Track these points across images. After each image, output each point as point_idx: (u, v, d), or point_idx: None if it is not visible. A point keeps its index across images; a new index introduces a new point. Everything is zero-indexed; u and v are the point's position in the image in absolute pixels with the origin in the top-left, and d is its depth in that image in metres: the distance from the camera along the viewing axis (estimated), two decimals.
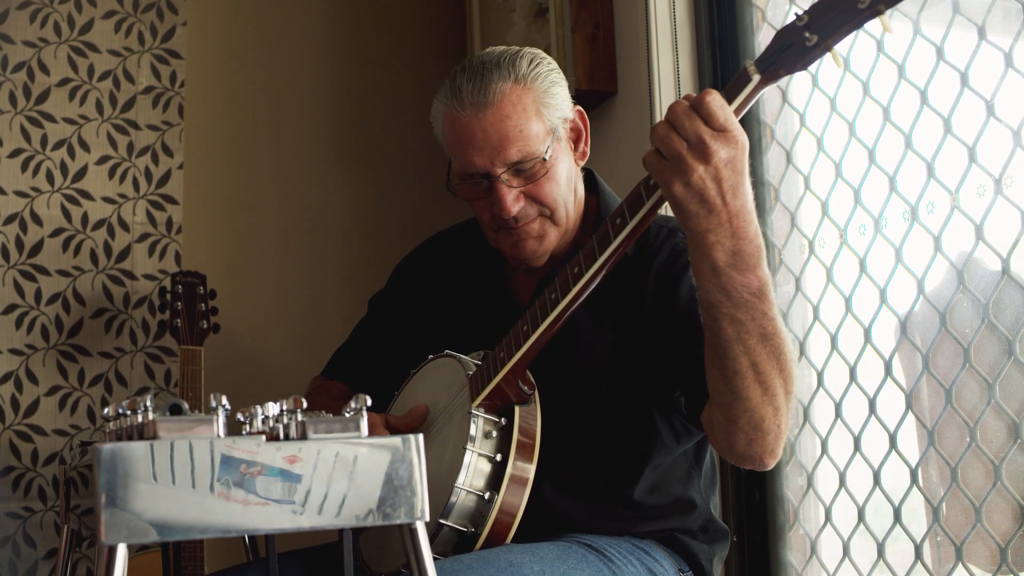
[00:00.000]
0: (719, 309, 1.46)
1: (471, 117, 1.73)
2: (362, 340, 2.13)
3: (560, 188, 1.77)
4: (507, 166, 1.73)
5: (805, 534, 2.36)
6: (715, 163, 1.38)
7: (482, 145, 1.73)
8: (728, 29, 2.58)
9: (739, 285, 1.44)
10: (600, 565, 1.64)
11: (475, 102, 1.73)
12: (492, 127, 1.72)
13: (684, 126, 1.38)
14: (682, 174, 1.39)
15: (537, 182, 1.75)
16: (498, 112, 1.72)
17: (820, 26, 1.36)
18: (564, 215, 1.80)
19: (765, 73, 1.41)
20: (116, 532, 1.00)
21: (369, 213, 3.42)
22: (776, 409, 1.53)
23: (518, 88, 1.74)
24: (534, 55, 1.80)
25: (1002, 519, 1.93)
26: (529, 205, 1.76)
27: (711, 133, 1.38)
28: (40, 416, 2.92)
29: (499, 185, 1.73)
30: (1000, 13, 1.96)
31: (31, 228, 2.99)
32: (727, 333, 1.47)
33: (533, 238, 1.79)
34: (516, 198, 1.74)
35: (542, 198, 1.76)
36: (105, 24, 3.12)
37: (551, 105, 1.76)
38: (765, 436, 1.55)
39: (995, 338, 1.93)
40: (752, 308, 1.45)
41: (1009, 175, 1.92)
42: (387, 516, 1.09)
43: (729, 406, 1.53)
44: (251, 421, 1.11)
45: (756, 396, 1.50)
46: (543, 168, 1.74)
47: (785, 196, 2.43)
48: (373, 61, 3.50)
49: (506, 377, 1.63)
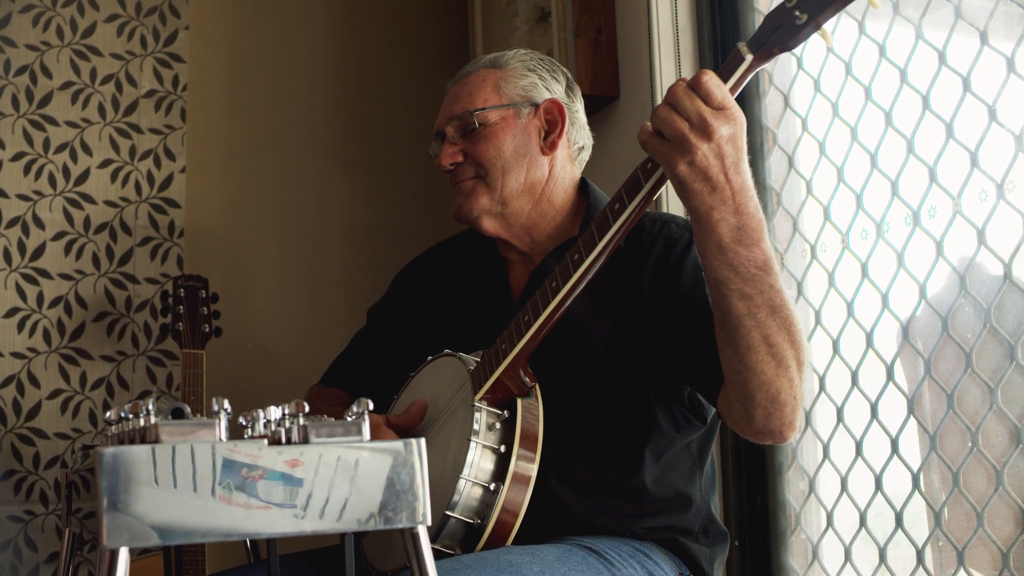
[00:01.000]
0: (728, 286, 1.48)
1: (449, 90, 1.98)
2: (361, 348, 2.15)
3: (500, 153, 1.88)
4: (449, 120, 1.91)
5: (807, 538, 2.35)
6: (717, 140, 1.41)
7: (443, 109, 1.95)
8: (730, 33, 2.58)
9: (745, 260, 1.46)
10: (600, 567, 1.64)
11: (456, 78, 1.98)
12: (453, 93, 1.96)
13: (685, 106, 1.42)
14: (686, 153, 1.42)
15: (475, 142, 1.89)
16: (463, 83, 1.95)
17: (809, 4, 1.39)
18: (498, 181, 1.88)
19: (757, 53, 1.43)
20: (118, 536, 1.00)
21: (371, 216, 3.42)
22: (791, 381, 1.55)
23: (488, 69, 1.95)
24: (533, 56, 1.96)
25: (1004, 524, 1.92)
26: (468, 164, 1.90)
27: (711, 111, 1.41)
28: (42, 419, 2.92)
29: (444, 142, 1.92)
30: (1002, 18, 1.96)
31: (33, 231, 2.99)
32: (738, 309, 1.49)
33: (464, 195, 1.91)
34: (453, 154, 1.91)
35: (476, 156, 1.89)
36: (108, 28, 3.13)
37: (513, 83, 1.92)
38: (783, 408, 1.56)
39: (997, 343, 1.93)
40: (760, 281, 1.48)
41: (1011, 180, 1.92)
42: (389, 520, 1.09)
43: (745, 382, 1.54)
44: (253, 425, 1.11)
45: (771, 369, 1.52)
46: (474, 121, 1.88)
47: (787, 201, 2.43)
48: (375, 65, 3.51)
49: (507, 369, 1.65)
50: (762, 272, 1.47)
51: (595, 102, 2.80)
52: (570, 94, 1.96)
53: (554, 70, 1.96)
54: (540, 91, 1.91)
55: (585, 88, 2.75)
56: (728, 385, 1.60)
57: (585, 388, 1.79)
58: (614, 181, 2.02)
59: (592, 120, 2.87)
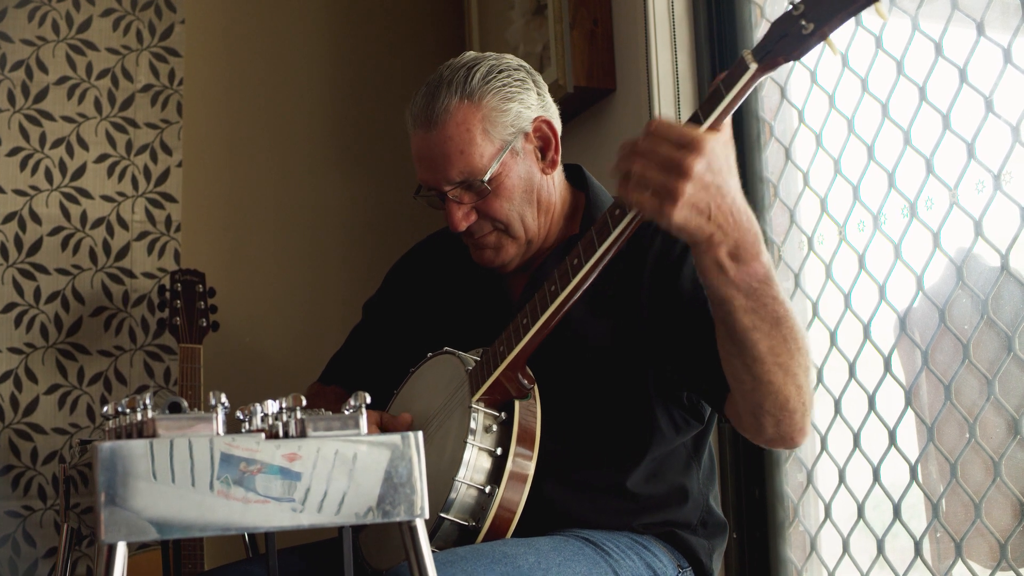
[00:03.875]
0: (732, 303, 1.47)
1: (421, 135, 1.80)
2: (358, 344, 2.14)
3: (513, 203, 1.80)
4: (452, 185, 1.78)
5: (805, 531, 2.36)
6: (696, 175, 1.37)
7: (429, 164, 1.80)
8: (726, 25, 2.58)
9: (746, 276, 1.45)
10: (597, 558, 1.64)
11: (423, 121, 1.79)
12: (436, 147, 1.78)
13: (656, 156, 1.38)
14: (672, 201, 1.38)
15: (486, 199, 1.78)
16: (442, 133, 1.77)
17: (816, 14, 1.37)
18: (520, 228, 1.82)
19: (762, 62, 1.41)
20: (116, 530, 1.00)
21: (369, 210, 3.42)
22: (799, 387, 1.54)
23: (464, 105, 1.77)
24: (494, 66, 1.81)
25: (1002, 515, 1.93)
26: (483, 220, 1.81)
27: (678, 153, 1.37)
28: (39, 414, 2.92)
29: (448, 203, 1.80)
30: (999, 9, 1.96)
31: (30, 227, 2.99)
32: (743, 324, 1.48)
33: (490, 248, 1.84)
34: (466, 214, 1.80)
35: (493, 214, 1.80)
36: (103, 22, 3.12)
37: (500, 122, 1.78)
38: (792, 415, 1.56)
39: (994, 334, 1.94)
40: (762, 295, 1.46)
41: (1008, 171, 1.92)
42: (387, 514, 1.09)
43: (753, 392, 1.54)
44: (250, 419, 1.11)
45: (778, 379, 1.52)
46: (486, 187, 1.77)
47: (784, 193, 2.43)
48: (372, 58, 3.50)
49: (505, 371, 1.63)
50: (763, 285, 1.46)
51: (591, 95, 2.80)
52: (540, 94, 1.86)
53: (519, 79, 1.83)
54: (524, 116, 1.80)
55: (581, 81, 2.76)
56: (735, 396, 1.59)
57: (584, 389, 1.78)
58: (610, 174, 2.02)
59: (588, 113, 2.89)
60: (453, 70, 1.80)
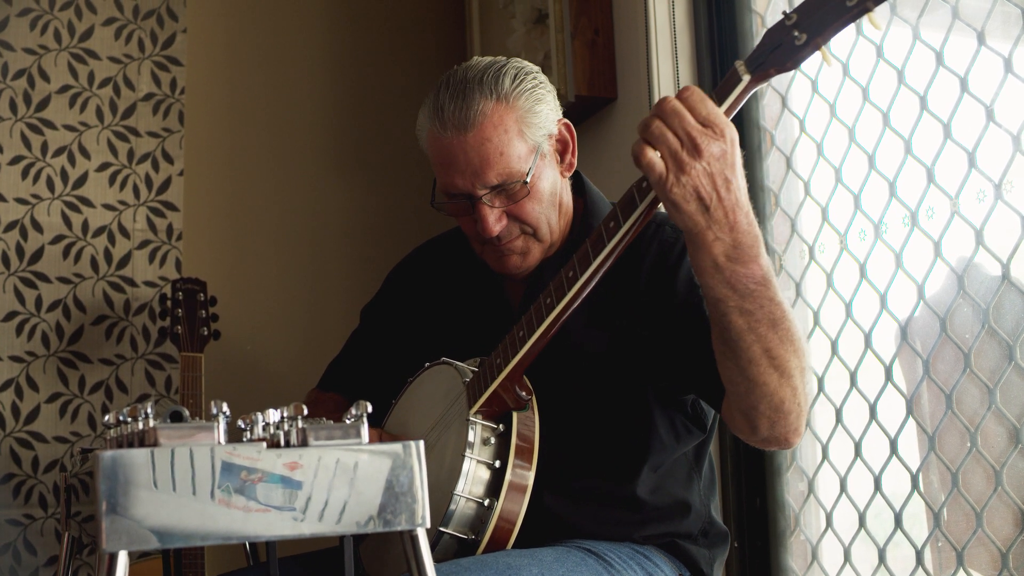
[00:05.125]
0: (727, 303, 1.46)
1: (452, 139, 1.73)
2: (356, 350, 2.13)
3: (543, 206, 1.78)
4: (488, 188, 1.73)
5: (806, 540, 2.35)
6: (707, 158, 1.38)
7: (463, 168, 1.73)
8: (727, 35, 2.58)
9: (743, 277, 1.44)
10: (599, 569, 1.64)
11: (456, 124, 1.72)
12: (473, 150, 1.72)
13: (673, 124, 1.38)
14: (679, 173, 1.38)
15: (519, 202, 1.75)
16: (479, 135, 1.72)
17: (809, 24, 1.36)
18: (547, 231, 1.81)
19: (755, 73, 1.41)
20: (117, 539, 1.00)
21: (370, 219, 3.42)
22: (794, 389, 1.53)
23: (500, 107, 1.73)
24: (519, 69, 1.78)
25: (1003, 524, 1.92)
26: (512, 224, 1.77)
27: (699, 129, 1.37)
28: (41, 423, 2.92)
29: (481, 206, 1.75)
30: (999, 18, 1.96)
31: (31, 235, 2.99)
32: (738, 325, 1.47)
33: (517, 254, 1.81)
34: (498, 218, 1.75)
35: (524, 217, 1.77)
36: (105, 31, 3.13)
37: (534, 124, 1.75)
38: (787, 416, 1.56)
39: (995, 343, 1.94)
40: (759, 296, 1.46)
41: (1009, 180, 1.92)
42: (388, 523, 1.09)
43: (748, 393, 1.53)
44: (252, 428, 1.11)
45: (773, 380, 1.51)
46: (524, 189, 1.74)
47: (785, 202, 2.44)
48: (373, 67, 3.51)
49: (503, 383, 1.63)
50: (761, 287, 1.45)
51: (593, 104, 2.80)
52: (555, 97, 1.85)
53: (541, 81, 1.82)
54: (550, 118, 1.79)
55: (582, 90, 2.76)
56: (730, 396, 1.58)
57: (582, 399, 1.77)
58: (611, 183, 2.02)
59: (590, 122, 2.89)
60: (478, 71, 1.76)
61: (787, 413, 1.55)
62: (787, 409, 1.55)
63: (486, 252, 1.83)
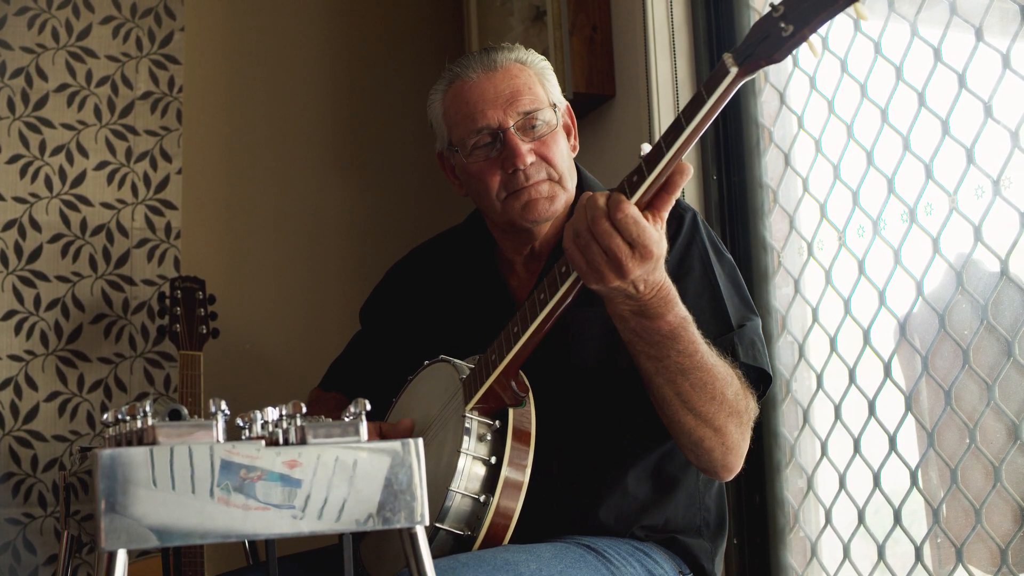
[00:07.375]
0: (634, 347, 1.58)
1: (482, 78, 1.82)
2: (358, 350, 2.13)
3: (563, 156, 1.83)
4: (519, 115, 1.79)
5: (805, 536, 2.36)
6: (631, 279, 1.46)
7: (494, 99, 1.80)
8: (725, 31, 2.58)
9: (648, 329, 1.54)
10: (598, 565, 1.64)
11: (485, 67, 1.83)
12: (503, 83, 1.82)
13: (604, 242, 1.44)
14: (600, 281, 1.47)
15: (545, 140, 1.80)
16: (507, 73, 1.82)
17: (796, 16, 1.36)
18: (568, 183, 1.85)
19: (743, 65, 1.40)
20: (116, 538, 1.00)
21: (368, 216, 3.42)
22: (716, 430, 1.63)
23: (520, 64, 1.85)
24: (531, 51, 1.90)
25: (1002, 520, 1.93)
26: (540, 163, 1.80)
27: (628, 253, 1.44)
28: (40, 422, 2.92)
29: (511, 136, 1.78)
30: (997, 14, 1.96)
31: (30, 234, 2.99)
32: (646, 368, 1.59)
33: (544, 198, 1.81)
34: (529, 150, 1.79)
35: (550, 158, 1.81)
36: (103, 30, 3.12)
37: (549, 83, 1.86)
38: (710, 453, 1.65)
39: (994, 339, 1.94)
40: (665, 347, 1.55)
41: (1007, 176, 1.92)
42: (387, 520, 1.09)
43: (670, 425, 1.65)
44: (251, 426, 1.11)
45: (689, 421, 1.62)
46: (550, 127, 1.81)
47: (783, 198, 2.44)
48: (371, 65, 3.51)
49: (498, 379, 1.63)
50: (667, 339, 1.54)
51: (591, 101, 2.80)
52: None
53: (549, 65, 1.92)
54: (560, 93, 1.89)
55: (581, 87, 2.76)
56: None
57: (580, 393, 1.78)
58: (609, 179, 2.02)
59: (588, 119, 2.88)
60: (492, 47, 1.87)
61: (709, 451, 1.65)
62: (708, 447, 1.64)
63: (510, 204, 1.82)
